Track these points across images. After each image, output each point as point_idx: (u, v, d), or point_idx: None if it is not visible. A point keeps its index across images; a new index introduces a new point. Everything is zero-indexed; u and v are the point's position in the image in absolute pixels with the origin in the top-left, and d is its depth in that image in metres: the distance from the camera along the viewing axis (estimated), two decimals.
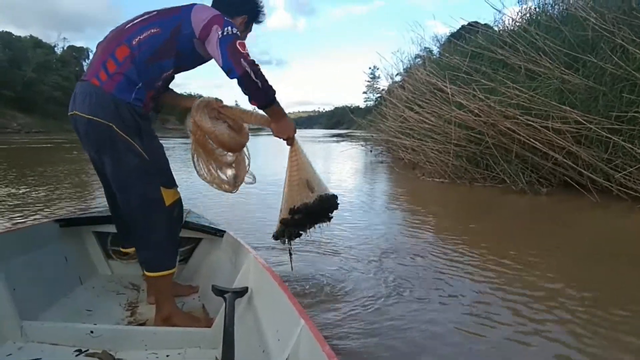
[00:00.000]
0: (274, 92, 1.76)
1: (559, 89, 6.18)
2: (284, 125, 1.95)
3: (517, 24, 8.69)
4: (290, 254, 2.34)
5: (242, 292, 1.70)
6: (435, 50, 14.16)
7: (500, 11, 8.85)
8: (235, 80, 1.67)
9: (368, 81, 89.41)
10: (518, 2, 9.45)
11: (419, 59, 13.79)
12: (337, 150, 19.05)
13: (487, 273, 3.01)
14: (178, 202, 1.89)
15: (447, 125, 7.41)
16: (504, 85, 6.46)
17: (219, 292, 1.65)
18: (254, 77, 1.66)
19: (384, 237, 4.04)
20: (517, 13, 9.06)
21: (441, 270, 3.08)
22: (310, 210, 2.01)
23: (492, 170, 6.86)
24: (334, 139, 34.84)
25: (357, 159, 14.59)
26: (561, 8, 8.25)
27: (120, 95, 1.70)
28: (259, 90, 1.70)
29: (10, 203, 5.47)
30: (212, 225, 2.49)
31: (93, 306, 2.02)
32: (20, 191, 6.50)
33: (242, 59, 1.64)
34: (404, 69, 14.01)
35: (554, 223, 4.56)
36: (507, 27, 9.07)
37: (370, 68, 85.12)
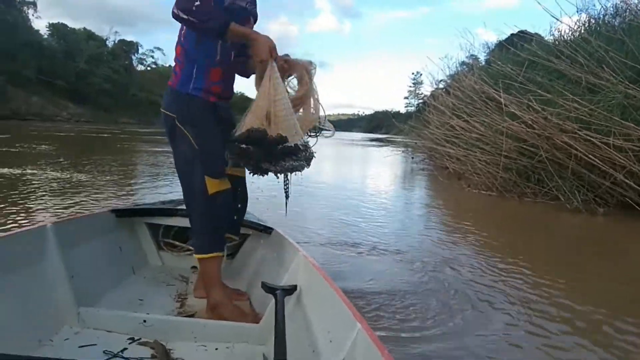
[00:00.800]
0: (221, 22, 1.64)
1: (621, 103, 5.83)
2: (255, 47, 1.69)
3: (576, 33, 8.32)
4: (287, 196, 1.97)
5: (291, 290, 1.69)
6: (482, 57, 13.84)
7: (558, 19, 8.44)
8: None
9: (410, 86, 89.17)
10: (577, 12, 9.04)
11: (464, 66, 13.57)
12: (377, 155, 18.88)
13: (533, 296, 2.81)
14: (223, 192, 1.87)
15: (498, 135, 7.13)
16: (562, 97, 6.15)
17: (269, 289, 1.65)
18: (184, 16, 1.62)
19: (426, 250, 3.89)
20: (575, 23, 8.67)
21: (479, 289, 2.91)
22: (259, 143, 1.64)
23: (545, 185, 6.53)
24: (374, 143, 34.61)
25: (398, 165, 14.40)
26: (624, 19, 7.82)
27: (181, 88, 1.84)
28: (199, 26, 1.66)
29: (72, 190, 5.68)
30: (260, 222, 2.49)
31: (145, 296, 2.05)
32: (79, 178, 6.76)
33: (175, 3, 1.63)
34: (448, 76, 13.78)
35: (609, 246, 4.29)
36: (564, 36, 8.71)
37: (413, 73, 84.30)
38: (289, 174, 1.79)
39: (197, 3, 1.60)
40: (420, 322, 2.35)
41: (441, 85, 13.81)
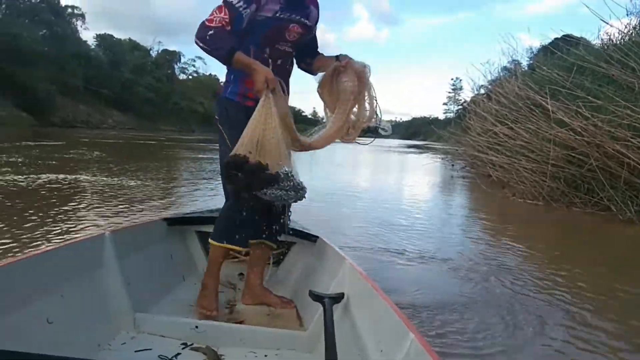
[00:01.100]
0: (226, 49, 1.72)
1: None
2: (253, 77, 1.75)
3: (626, 37, 7.99)
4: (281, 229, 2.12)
5: (338, 298, 1.69)
6: (525, 63, 13.50)
7: (607, 23, 8.14)
8: None
9: (449, 92, 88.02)
10: (627, 15, 8.67)
11: (506, 72, 13.27)
12: (415, 162, 18.67)
13: (588, 313, 2.67)
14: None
15: (545, 143, 6.92)
16: (613, 104, 5.92)
17: (316, 297, 1.66)
18: (198, 41, 1.73)
19: (472, 259, 3.79)
20: (625, 26, 8.31)
21: (534, 304, 2.80)
22: (241, 169, 1.67)
23: (595, 195, 6.28)
24: (412, 150, 34.23)
25: (437, 172, 14.18)
26: None
27: (223, 94, 1.99)
28: (210, 54, 1.75)
29: (124, 196, 5.94)
30: (305, 230, 2.50)
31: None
32: (129, 183, 7.05)
33: (198, 28, 1.74)
34: (489, 81, 13.50)
35: None
36: (613, 40, 8.38)
37: (452, 79, 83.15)
38: (286, 205, 1.94)
39: (211, 32, 1.70)
40: (474, 337, 2.29)
41: (482, 91, 13.53)
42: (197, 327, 1.73)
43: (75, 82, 45.64)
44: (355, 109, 2.01)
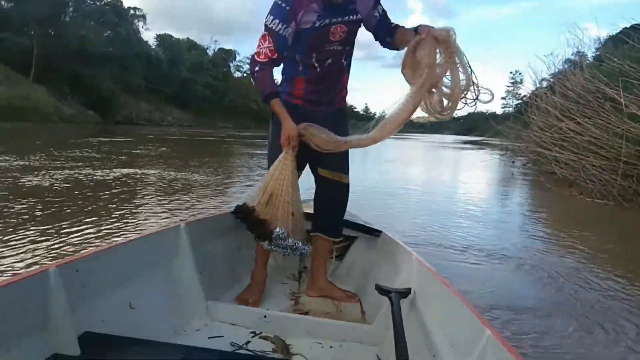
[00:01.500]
0: (265, 93, 1.87)
1: None
2: (284, 128, 1.90)
3: None
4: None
5: (406, 292, 1.68)
6: (590, 54, 12.72)
7: None
8: None
9: (508, 86, 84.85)
10: None
11: (570, 64, 12.60)
12: (473, 158, 18.12)
13: None
14: None
15: (616, 139, 6.48)
16: None
17: (383, 291, 1.67)
18: (251, 75, 1.88)
19: (543, 260, 3.63)
20: None
21: (615, 312, 2.60)
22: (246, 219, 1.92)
23: None
24: (467, 146, 33.27)
25: (497, 169, 13.67)
26: None
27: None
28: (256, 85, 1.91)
29: (195, 190, 6.33)
30: (368, 225, 2.51)
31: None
32: (196, 178, 7.43)
33: (250, 61, 1.90)
34: (552, 74, 12.87)
35: None
36: None
37: (511, 72, 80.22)
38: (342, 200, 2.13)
39: (257, 70, 1.85)
40: (557, 344, 2.18)
41: (544, 85, 12.89)
42: (265, 316, 1.79)
43: (137, 81, 47.64)
44: (447, 80, 1.81)
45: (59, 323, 1.23)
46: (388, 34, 2.00)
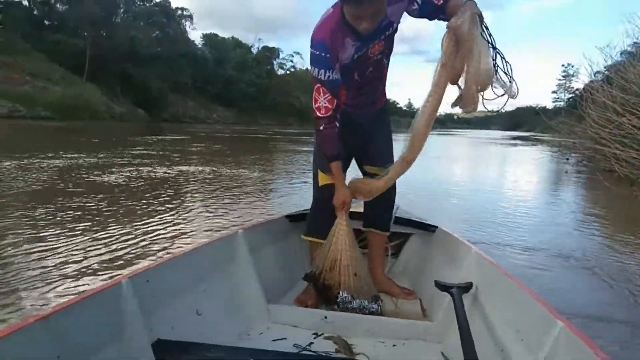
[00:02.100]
0: (328, 155, 1.89)
1: None
2: (337, 195, 1.95)
3: None
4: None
5: (467, 287, 1.65)
6: None
7: None
8: None
9: (560, 80, 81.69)
10: None
11: (626, 55, 11.81)
12: (524, 155, 17.43)
13: None
14: (331, 187, 1.99)
15: None
16: None
17: (443, 287, 1.64)
18: (317, 132, 1.90)
19: (616, 267, 3.33)
20: None
21: None
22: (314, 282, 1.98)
23: None
24: (517, 142, 32.12)
25: (549, 166, 13.04)
26: None
27: None
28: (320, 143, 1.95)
29: (253, 186, 6.66)
30: (423, 221, 2.49)
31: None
32: (260, 176, 7.76)
33: (314, 119, 1.86)
34: (607, 67, 12.12)
35: None
36: None
37: (563, 65, 77.26)
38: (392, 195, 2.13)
39: (322, 128, 1.84)
40: None
41: (599, 77, 12.14)
42: (325, 317, 1.79)
43: (184, 80, 48.99)
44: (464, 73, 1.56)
45: (134, 332, 1.28)
46: (435, 13, 1.81)
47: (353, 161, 2.18)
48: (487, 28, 1.58)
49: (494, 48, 1.58)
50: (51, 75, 33.75)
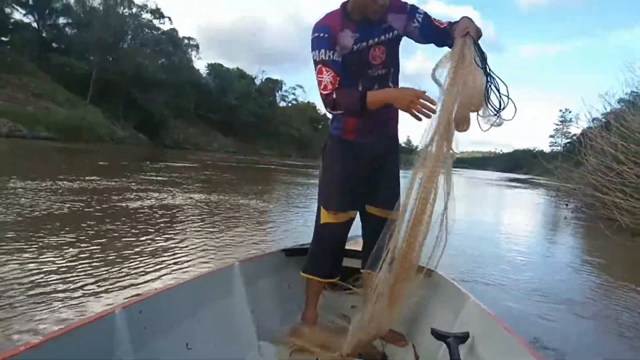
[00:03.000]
0: (356, 99, 1.72)
1: None
2: (397, 105, 1.67)
3: None
4: None
5: (464, 337, 1.59)
6: None
7: None
8: None
9: (557, 124, 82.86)
10: None
11: (623, 104, 12.07)
12: (521, 198, 17.43)
13: None
14: (333, 225, 1.97)
15: None
16: None
17: (440, 336, 1.59)
18: (330, 110, 1.79)
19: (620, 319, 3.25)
20: None
21: None
22: None
23: None
24: (514, 184, 32.22)
25: (548, 211, 13.00)
26: None
27: (329, 130, 2.12)
28: (348, 115, 1.88)
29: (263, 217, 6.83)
30: (419, 263, 2.31)
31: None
32: (269, 207, 7.83)
33: (323, 101, 1.79)
34: (604, 114, 12.42)
35: None
36: None
37: (561, 110, 78.63)
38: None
39: (334, 97, 1.73)
40: None
41: (595, 124, 12.34)
42: (317, 359, 1.75)
43: (187, 107, 49.41)
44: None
45: None
46: (440, 37, 1.79)
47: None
48: (480, 49, 1.56)
49: (486, 71, 1.55)
50: (55, 97, 34.02)
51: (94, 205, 6.09)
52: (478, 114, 1.55)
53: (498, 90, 1.54)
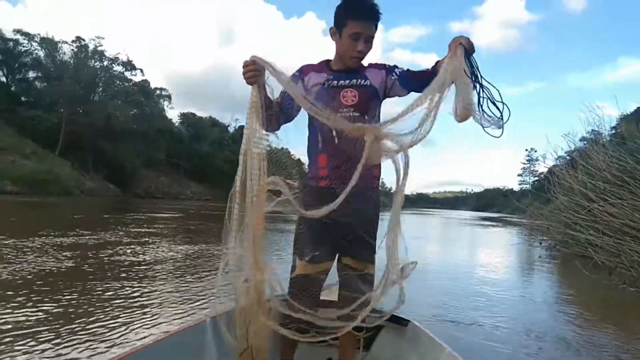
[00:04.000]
0: None
1: None
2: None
3: None
4: None
5: None
6: (606, 132, 12.54)
7: None
8: None
9: (524, 163, 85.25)
10: None
11: (584, 142, 12.57)
12: (494, 237, 17.53)
13: None
14: (307, 277, 1.92)
15: None
16: None
17: None
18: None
19: None
20: None
21: None
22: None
23: None
24: (487, 222, 32.54)
25: (522, 249, 13.04)
26: None
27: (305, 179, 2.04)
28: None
29: None
30: (395, 313, 2.27)
31: None
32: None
33: None
34: (568, 152, 13.08)
35: None
36: None
37: (527, 150, 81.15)
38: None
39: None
40: None
41: (560, 162, 12.76)
42: None
43: (158, 156, 48.99)
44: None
45: None
46: (423, 82, 1.67)
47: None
48: (470, 61, 1.57)
49: (477, 80, 1.57)
50: (21, 150, 33.32)
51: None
52: (483, 125, 1.56)
53: (489, 99, 1.56)
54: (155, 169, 49.06)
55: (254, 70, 1.69)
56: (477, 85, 1.56)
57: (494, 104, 1.56)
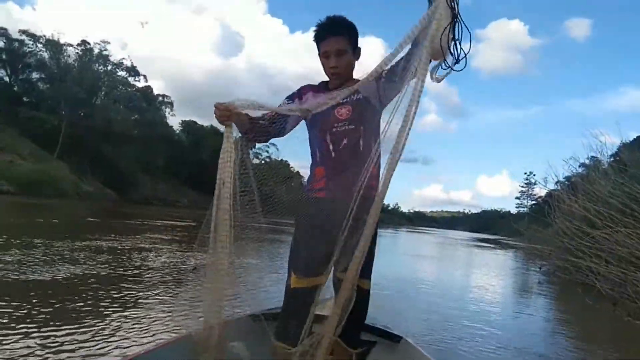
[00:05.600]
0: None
1: None
2: None
3: None
4: None
5: None
6: (606, 159, 12.49)
7: None
8: None
9: (523, 187, 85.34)
10: None
11: (584, 168, 12.75)
12: (491, 260, 17.35)
13: None
14: (303, 290, 1.90)
15: None
16: None
17: None
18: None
19: None
20: None
21: None
22: None
23: None
24: (484, 244, 32.34)
25: (520, 275, 12.85)
26: None
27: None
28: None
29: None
30: (387, 330, 2.37)
31: None
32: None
33: None
34: (566, 177, 13.22)
35: None
36: None
37: (526, 173, 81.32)
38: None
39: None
40: None
41: (560, 187, 12.70)
42: None
43: (157, 163, 48.87)
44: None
45: None
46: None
47: None
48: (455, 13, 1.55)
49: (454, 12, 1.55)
50: (20, 150, 33.22)
51: None
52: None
53: (455, 39, 1.55)
54: (154, 175, 48.89)
55: (225, 112, 1.97)
56: (457, 21, 1.55)
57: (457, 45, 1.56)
